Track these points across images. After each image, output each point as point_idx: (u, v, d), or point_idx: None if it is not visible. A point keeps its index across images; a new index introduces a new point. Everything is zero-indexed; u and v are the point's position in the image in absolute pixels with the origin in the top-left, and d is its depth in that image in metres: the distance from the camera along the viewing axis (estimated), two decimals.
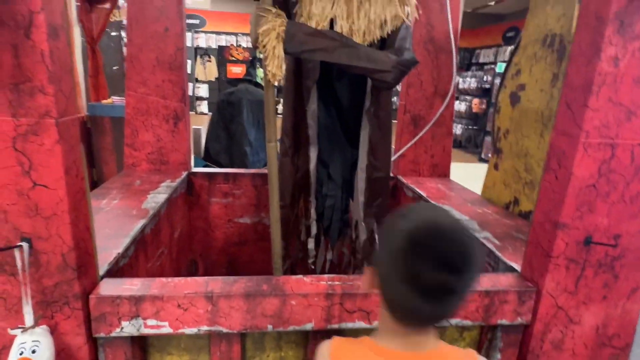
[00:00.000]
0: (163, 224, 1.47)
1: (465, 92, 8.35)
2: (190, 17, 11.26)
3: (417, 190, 1.78)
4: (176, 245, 1.69)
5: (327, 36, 1.19)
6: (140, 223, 1.22)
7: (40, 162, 0.72)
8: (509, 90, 1.62)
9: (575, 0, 1.27)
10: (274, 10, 1.14)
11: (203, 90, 11.68)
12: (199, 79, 11.59)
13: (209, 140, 3.47)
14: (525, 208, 1.52)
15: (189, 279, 0.93)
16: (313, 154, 1.54)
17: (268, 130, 1.27)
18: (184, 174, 1.84)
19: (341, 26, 1.31)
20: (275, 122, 1.27)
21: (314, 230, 1.65)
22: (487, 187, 1.77)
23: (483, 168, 1.85)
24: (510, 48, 10.04)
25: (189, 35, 11.43)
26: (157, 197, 1.47)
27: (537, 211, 0.98)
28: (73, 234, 0.78)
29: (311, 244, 1.67)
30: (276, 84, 1.20)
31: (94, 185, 4.07)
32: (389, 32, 1.35)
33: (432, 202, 1.63)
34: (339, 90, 1.50)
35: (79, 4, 3.71)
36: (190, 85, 11.41)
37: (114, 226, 1.19)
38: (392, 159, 1.93)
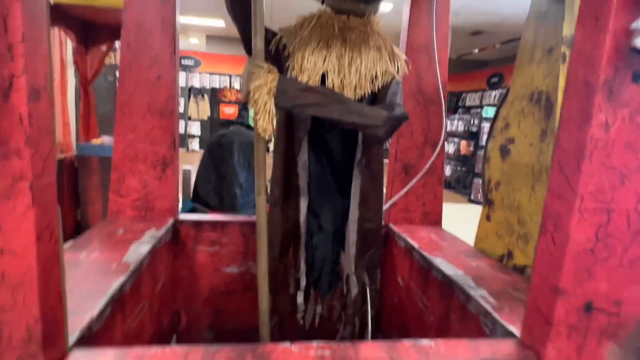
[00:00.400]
0: (145, 277, 1.40)
1: (453, 134, 8.54)
2: (185, 58, 11.57)
3: (409, 240, 1.74)
4: (158, 297, 1.60)
5: (318, 92, 1.20)
6: (119, 280, 1.15)
7: (10, 228, 0.67)
8: (498, 142, 1.64)
9: (560, 61, 1.31)
10: (265, 66, 1.15)
11: (195, 128, 11.79)
12: (192, 117, 11.73)
13: (199, 181, 3.44)
14: (519, 262, 1.49)
15: (167, 349, 0.85)
16: (303, 204, 1.50)
17: (257, 182, 1.24)
18: (170, 221, 1.78)
19: (332, 80, 1.32)
20: (265, 175, 1.25)
21: (303, 283, 1.59)
22: (479, 238, 1.74)
23: (473, 209, 1.85)
24: (494, 93, 10.45)
25: (183, 75, 11.70)
26: (139, 249, 1.41)
27: (535, 274, 0.94)
28: (41, 303, 0.72)
29: (300, 298, 1.60)
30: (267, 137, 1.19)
31: (77, 225, 3.96)
32: (380, 86, 1.37)
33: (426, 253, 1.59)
34: (330, 141, 1.50)
35: (75, 45, 3.77)
36: (182, 123, 11.54)
37: (91, 284, 1.12)
38: (384, 208, 1.91)
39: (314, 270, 1.59)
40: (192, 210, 3.32)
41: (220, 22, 9.19)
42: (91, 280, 1.14)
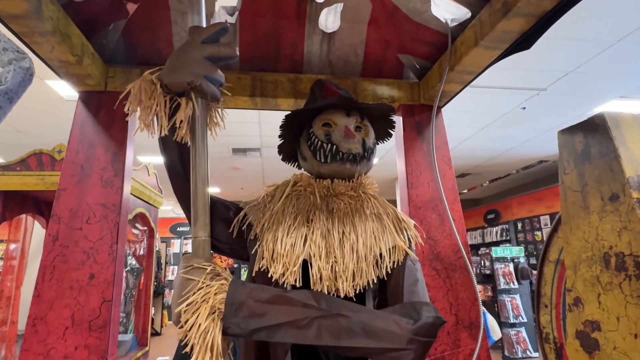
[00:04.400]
0: None
1: None
2: (181, 225, 11.63)
3: None
4: None
5: (294, 301, 0.75)
6: None
7: None
8: (572, 325, 1.13)
9: (638, 211, 0.92)
10: (209, 268, 0.73)
11: None
12: None
13: None
14: None
15: None
16: None
17: None
18: None
19: (319, 269, 0.90)
20: None
21: None
22: None
23: None
24: (495, 230, 10.19)
25: (177, 242, 11.52)
26: None
27: None
28: None
29: None
30: None
31: None
32: (389, 269, 0.94)
33: None
34: (326, 357, 0.98)
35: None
36: None
37: None
38: None
39: None
40: None
41: (215, 189, 9.48)
42: None
